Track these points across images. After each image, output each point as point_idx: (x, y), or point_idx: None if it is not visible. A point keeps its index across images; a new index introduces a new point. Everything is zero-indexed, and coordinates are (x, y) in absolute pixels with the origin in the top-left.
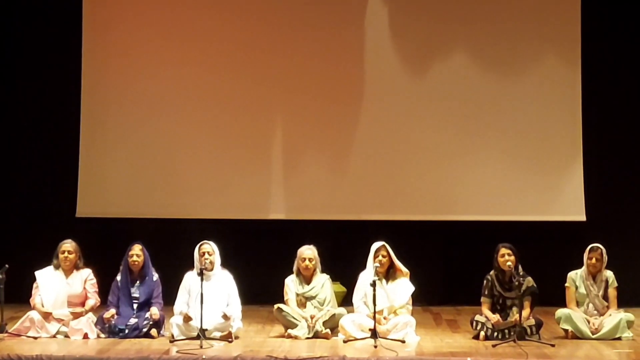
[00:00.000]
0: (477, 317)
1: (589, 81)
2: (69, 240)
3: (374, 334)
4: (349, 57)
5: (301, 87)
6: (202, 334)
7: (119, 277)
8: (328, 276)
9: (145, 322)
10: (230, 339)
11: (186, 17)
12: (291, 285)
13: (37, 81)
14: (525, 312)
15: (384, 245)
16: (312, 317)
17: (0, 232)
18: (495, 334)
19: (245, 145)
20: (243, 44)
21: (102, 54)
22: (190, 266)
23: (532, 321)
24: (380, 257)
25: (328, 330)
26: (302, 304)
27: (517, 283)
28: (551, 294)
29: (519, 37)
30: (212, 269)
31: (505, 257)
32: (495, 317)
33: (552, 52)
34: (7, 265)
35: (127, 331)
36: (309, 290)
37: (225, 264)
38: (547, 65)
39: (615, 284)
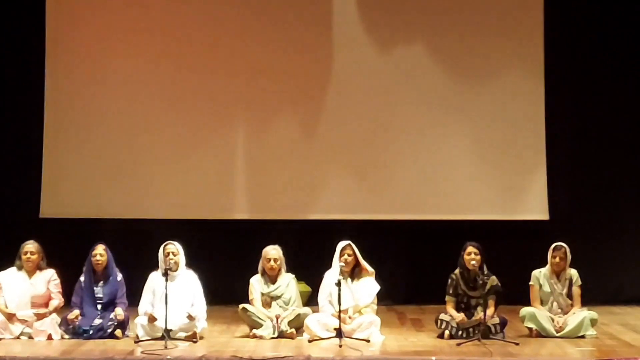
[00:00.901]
0: (442, 316)
1: (553, 81)
2: (32, 241)
3: (339, 333)
4: (314, 56)
5: (265, 84)
6: (167, 335)
7: (82, 278)
8: (293, 276)
9: (110, 322)
10: (195, 339)
11: (150, 18)
12: (256, 285)
13: (0, 82)
14: (490, 310)
15: (349, 245)
16: (277, 317)
17: None
18: (460, 332)
19: (209, 145)
20: (205, 42)
21: (65, 54)
22: (155, 266)
23: (496, 320)
24: (345, 256)
25: (293, 330)
26: (267, 304)
27: (481, 282)
28: (515, 293)
29: (485, 44)
30: (176, 269)
31: (472, 255)
32: (460, 316)
33: (516, 53)
34: None
35: (91, 332)
36: (274, 290)
37: (190, 264)
38: (511, 67)
39: (579, 283)
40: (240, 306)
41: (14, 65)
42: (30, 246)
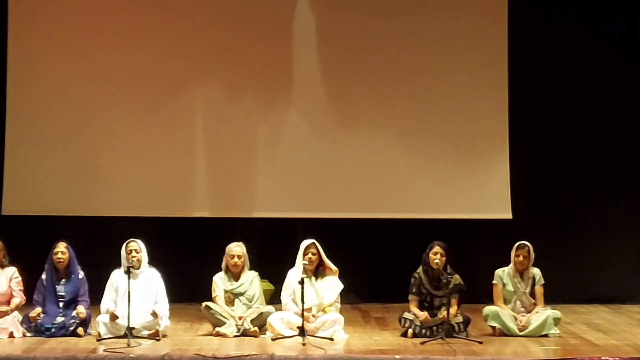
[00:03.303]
0: (406, 315)
1: (516, 81)
2: None
3: (302, 331)
4: (275, 59)
5: (225, 83)
6: (129, 333)
7: (44, 276)
8: (257, 273)
9: (72, 320)
10: (158, 337)
11: (111, 16)
12: (219, 282)
13: None
14: (453, 309)
15: (313, 243)
16: (240, 319)
17: None
18: (424, 331)
19: (169, 142)
20: (166, 42)
21: (27, 48)
22: (117, 264)
23: (459, 318)
24: (309, 255)
25: (256, 328)
26: (230, 301)
27: (445, 281)
28: (479, 292)
29: (447, 38)
30: (139, 267)
31: (438, 255)
32: (423, 315)
33: (480, 53)
34: None
35: (53, 330)
36: (237, 287)
37: (152, 262)
38: (474, 65)
39: (542, 281)
40: (203, 304)
41: None
42: None
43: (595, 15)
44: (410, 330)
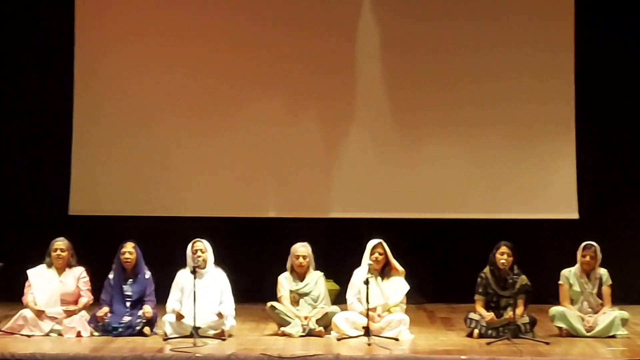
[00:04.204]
0: (471, 315)
1: (583, 75)
2: (62, 239)
3: (367, 331)
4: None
5: (290, 86)
6: (195, 332)
7: (111, 275)
8: (322, 273)
9: (139, 320)
10: (223, 337)
11: (181, 15)
12: (284, 282)
13: (29, 79)
14: (519, 309)
15: (380, 243)
16: (305, 319)
17: None
18: (489, 331)
19: (235, 143)
20: (237, 47)
21: (95, 50)
22: (183, 264)
23: (526, 319)
24: (376, 255)
25: (321, 328)
26: (295, 301)
27: (511, 281)
28: (545, 292)
29: (511, 42)
30: (204, 267)
31: (505, 255)
32: (490, 315)
33: (545, 56)
34: (2, 264)
35: (120, 329)
36: (302, 287)
37: (218, 261)
38: (540, 68)
39: (610, 282)
40: (269, 304)
41: (43, 64)
42: (60, 243)
43: None
44: (476, 331)
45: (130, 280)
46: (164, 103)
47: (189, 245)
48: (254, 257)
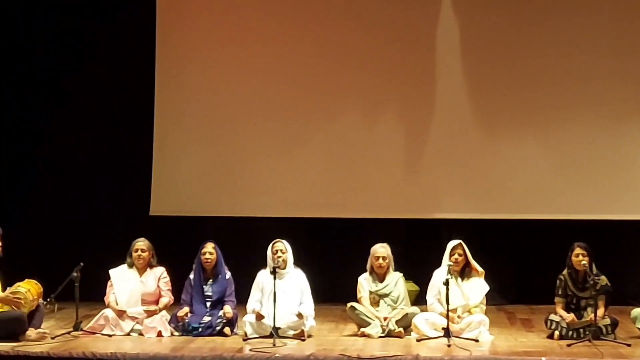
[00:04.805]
0: (552, 317)
1: None
2: (143, 239)
3: (447, 332)
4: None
5: (373, 82)
6: (275, 333)
7: (192, 276)
8: (401, 274)
9: (219, 320)
10: (303, 338)
11: (261, 18)
12: (364, 283)
13: (111, 82)
14: (600, 311)
15: (460, 244)
16: (385, 319)
17: (74, 231)
18: (570, 333)
19: (314, 144)
20: (319, 51)
21: (176, 52)
22: (263, 264)
23: (607, 320)
24: (456, 256)
25: (401, 329)
26: (375, 302)
27: (591, 282)
28: (626, 293)
29: (593, 43)
30: (284, 267)
31: (580, 257)
32: (570, 317)
33: (628, 58)
34: (82, 264)
35: (200, 329)
36: (382, 288)
37: (298, 262)
38: (621, 70)
39: None
40: (349, 305)
41: (124, 66)
42: (141, 244)
43: None
44: (556, 332)
45: (211, 280)
46: (245, 105)
47: (269, 246)
48: (333, 257)
